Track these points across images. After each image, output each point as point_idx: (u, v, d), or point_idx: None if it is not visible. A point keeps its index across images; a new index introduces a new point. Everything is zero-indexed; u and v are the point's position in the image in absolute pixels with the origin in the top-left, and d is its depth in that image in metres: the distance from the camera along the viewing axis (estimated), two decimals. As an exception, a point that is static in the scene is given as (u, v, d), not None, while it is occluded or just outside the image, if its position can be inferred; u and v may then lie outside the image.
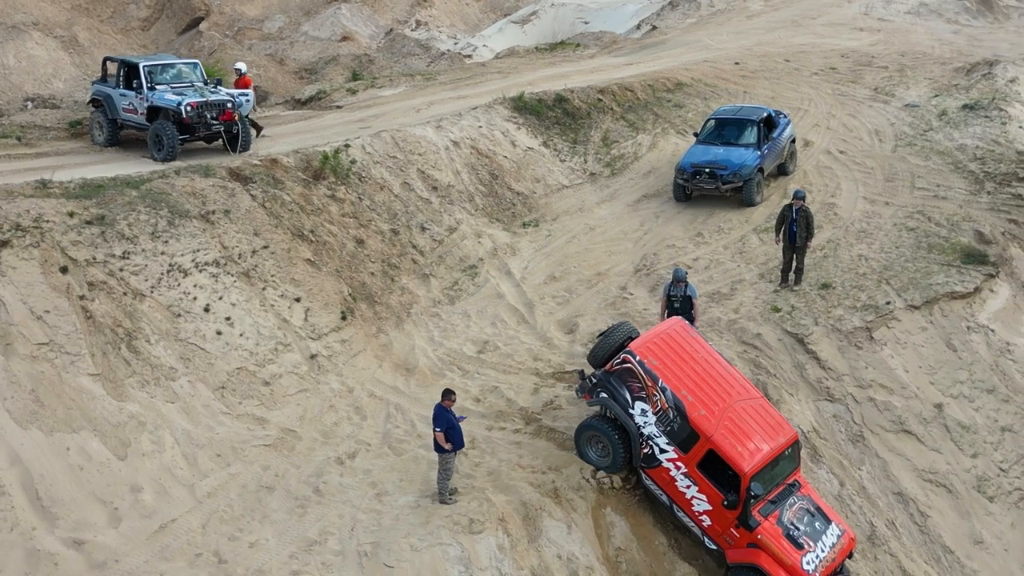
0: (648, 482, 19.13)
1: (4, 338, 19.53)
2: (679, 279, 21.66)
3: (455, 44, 62.82)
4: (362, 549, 17.51)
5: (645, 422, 18.67)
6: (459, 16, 72.63)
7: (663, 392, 18.43)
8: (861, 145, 32.54)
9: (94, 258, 21.55)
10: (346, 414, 21.18)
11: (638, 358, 18.69)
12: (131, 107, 28.27)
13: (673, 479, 18.63)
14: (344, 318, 23.19)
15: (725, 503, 18.02)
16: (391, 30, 65.46)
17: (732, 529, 18.30)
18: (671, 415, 18.40)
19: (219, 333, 21.74)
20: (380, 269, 24.92)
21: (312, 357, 22.19)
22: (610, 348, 19.65)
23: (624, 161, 31.56)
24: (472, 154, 29.36)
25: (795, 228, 24.12)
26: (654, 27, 49.22)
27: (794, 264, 24.59)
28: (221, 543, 17.59)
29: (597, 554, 18.32)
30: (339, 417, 21.07)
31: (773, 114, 30.28)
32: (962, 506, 21.25)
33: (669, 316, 21.81)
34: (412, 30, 66.47)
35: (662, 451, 18.61)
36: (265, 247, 23.65)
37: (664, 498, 19.02)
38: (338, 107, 34.60)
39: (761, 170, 28.74)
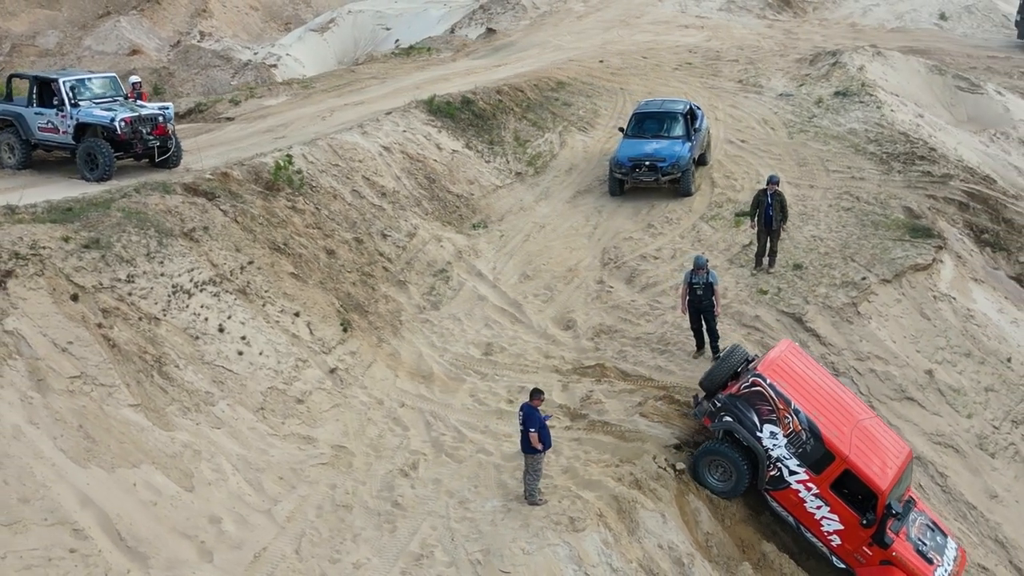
0: (773, 504, 19.25)
1: (35, 374, 18.19)
2: (700, 266, 22.01)
3: (255, 55, 61.56)
4: (473, 558, 17.14)
5: (774, 444, 18.75)
6: (241, 26, 71.23)
7: (796, 414, 18.55)
8: (757, 134, 33.74)
9: (101, 284, 20.28)
10: (386, 426, 20.61)
11: (769, 381, 18.73)
12: (50, 126, 26.56)
13: (802, 500, 18.79)
14: (345, 330, 22.54)
15: (864, 522, 18.32)
16: (179, 42, 63.78)
17: (864, 548, 18.60)
18: (804, 437, 18.55)
19: (240, 353, 20.81)
20: (358, 279, 24.33)
21: (332, 371, 21.50)
22: (728, 372, 19.70)
23: (543, 160, 31.73)
24: (405, 159, 28.95)
25: (771, 212, 24.86)
26: (490, 29, 49.44)
27: (768, 247, 25.31)
28: (324, 567, 16.92)
29: (689, 540, 18.44)
30: (381, 429, 20.49)
31: (693, 106, 31.08)
32: (971, 464, 22.39)
33: (690, 303, 22.16)
34: (197, 41, 64.76)
35: (791, 473, 18.75)
36: (251, 263, 22.74)
37: (790, 520, 19.17)
38: (229, 119, 33.45)
39: (694, 160, 29.47)
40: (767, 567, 18.75)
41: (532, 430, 17.88)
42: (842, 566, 19.04)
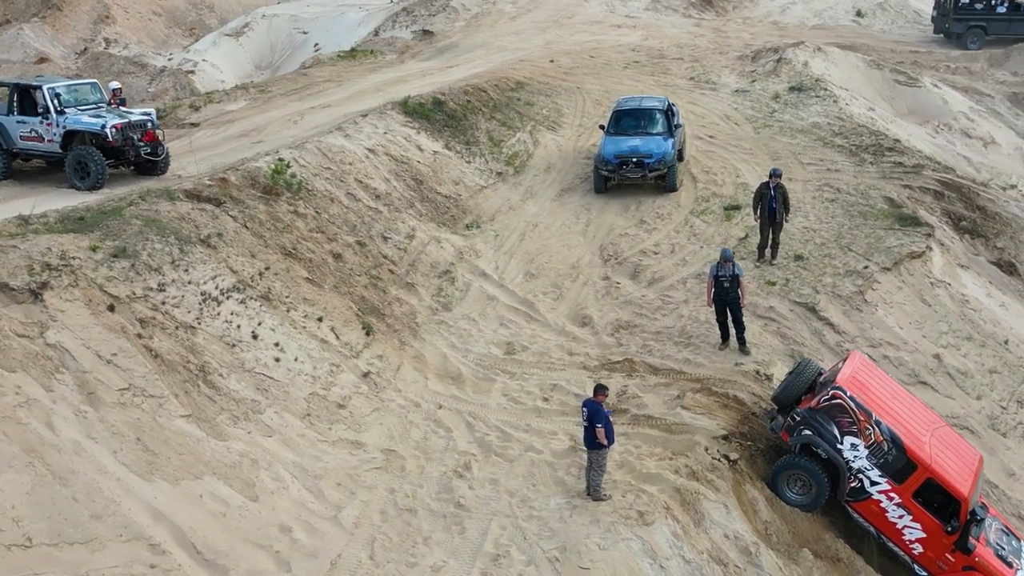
0: (854, 516, 19.45)
1: (84, 387, 17.75)
2: (727, 259, 22.22)
3: (170, 60, 60.64)
4: (549, 555, 17.12)
5: (855, 456, 18.94)
6: (145, 32, 70.02)
7: (877, 426, 18.77)
8: (722, 130, 34.20)
9: (134, 293, 19.82)
10: (429, 428, 20.45)
11: (849, 393, 18.90)
12: (33, 134, 25.80)
13: (884, 510, 19.03)
14: (368, 333, 22.30)
15: (948, 529, 18.61)
16: (85, 49, 62.54)
17: (947, 554, 18.87)
18: (886, 447, 18.79)
19: (277, 360, 20.50)
20: (368, 282, 24.09)
21: (365, 375, 21.28)
22: (803, 386, 19.82)
23: (521, 159, 31.74)
24: (390, 161, 28.74)
25: (774, 205, 25.21)
26: (426, 31, 49.23)
27: (771, 239, 25.67)
28: (402, 571, 16.79)
29: (751, 530, 18.63)
30: (424, 432, 20.32)
31: (670, 103, 31.39)
32: (987, 444, 22.94)
33: (716, 296, 22.36)
34: (104, 48, 63.59)
35: (873, 483, 18.97)
36: (267, 268, 22.40)
37: (871, 530, 19.39)
38: (194, 124, 32.82)
39: (676, 155, 29.78)
40: (825, 553, 18.98)
41: (599, 426, 17.90)
42: (923, 574, 19.28)
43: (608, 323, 23.81)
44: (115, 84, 30.01)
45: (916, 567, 19.28)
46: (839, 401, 18.88)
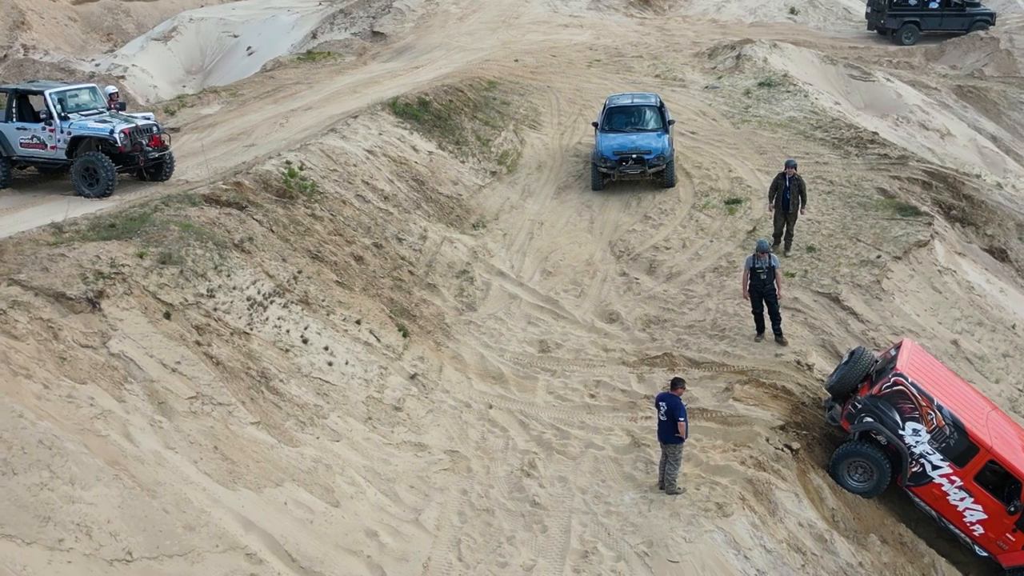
0: (915, 500, 19.73)
1: (154, 397, 17.41)
2: (763, 250, 22.42)
3: (98, 66, 59.62)
4: (637, 550, 17.15)
5: (917, 441, 19.24)
6: (62, 38, 68.75)
7: (939, 411, 19.06)
8: (702, 125, 34.51)
9: (186, 300, 19.44)
10: (484, 428, 20.33)
11: (911, 380, 19.17)
12: (35, 141, 25.12)
13: (945, 494, 19.32)
14: (405, 335, 22.11)
15: (1011, 509, 18.95)
16: (5, 56, 61.25)
17: (1007, 534, 19.23)
18: (947, 432, 19.08)
19: (330, 364, 20.27)
20: (392, 284, 23.88)
21: (412, 377, 21.10)
22: (860, 375, 20.00)
23: (512, 158, 31.68)
24: (390, 162, 28.50)
25: (788, 196, 25.52)
26: (376, 32, 48.89)
27: (784, 230, 25.98)
28: (495, 571, 16.72)
29: (819, 517, 18.85)
30: (481, 432, 20.21)
31: (660, 99, 31.62)
32: (1011, 428, 23.53)
33: (752, 288, 22.56)
34: (24, 55, 62.33)
35: (935, 468, 19.26)
36: (300, 272, 22.11)
37: (932, 513, 19.66)
38: (174, 129, 32.15)
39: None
40: (889, 537, 19.27)
41: (681, 420, 17.96)
42: (984, 554, 19.61)
43: (637, 318, 23.87)
44: (111, 88, 29.30)
45: (977, 548, 19.63)
46: (901, 387, 19.17)
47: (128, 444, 16.33)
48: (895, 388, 19.22)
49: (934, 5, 53.46)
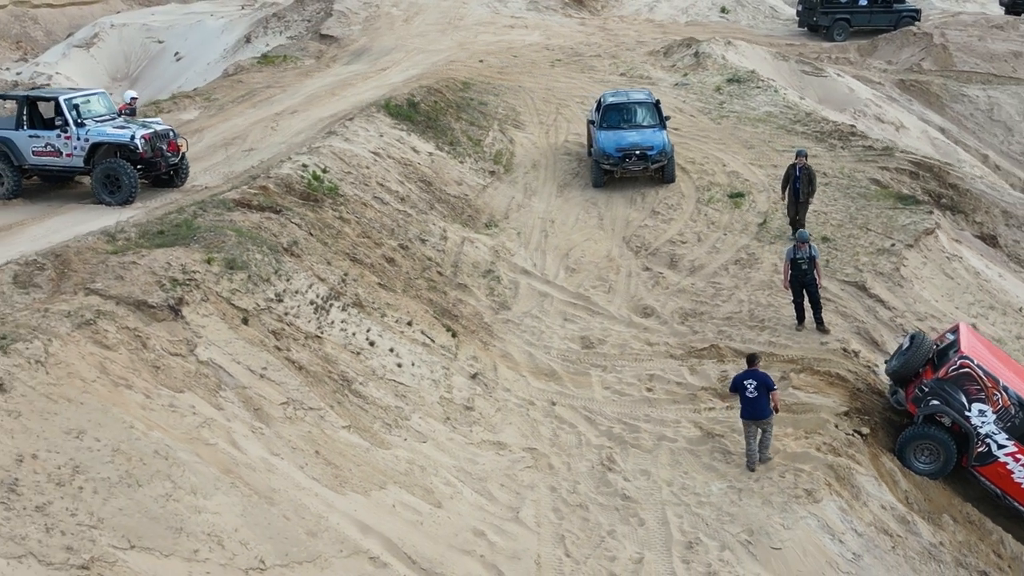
0: (980, 479, 20.15)
1: (249, 403, 17.25)
2: (804, 240, 22.79)
3: (19, 74, 58.36)
4: (740, 539, 17.35)
5: (983, 422, 19.69)
6: (-30, 48, 67.09)
7: (1004, 391, 19.55)
8: (681, 121, 34.67)
9: (258, 305, 19.22)
10: (554, 425, 20.35)
11: (976, 362, 19.61)
12: (49, 149, 24.45)
13: (1010, 472, 19.79)
14: (454, 335, 22.03)
15: None
16: (-92, 67, 59.54)
17: None
18: (1013, 411, 19.56)
19: (399, 366, 20.16)
20: (427, 285, 23.76)
21: (473, 376, 21.03)
22: (923, 359, 20.38)
23: (505, 157, 31.68)
24: (396, 164, 28.33)
25: (798, 185, 25.98)
26: (324, 35, 48.33)
27: (797, 220, 26.43)
28: (606, 566, 16.82)
29: (896, 499, 19.26)
30: (551, 428, 20.23)
31: (652, 95, 31.97)
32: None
33: (793, 278, 22.92)
34: (-61, 65, 60.77)
35: (1000, 447, 19.74)
36: (345, 275, 21.92)
37: (997, 491, 20.12)
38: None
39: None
40: (958, 517, 19.74)
41: (775, 390, 18.32)
42: None
43: (672, 312, 24.07)
44: (132, 93, 28.59)
45: None
46: (967, 370, 19.66)
47: (236, 452, 16.09)
48: (961, 370, 19.70)
49: (863, 2, 54.70)
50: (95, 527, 13.80)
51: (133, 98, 28.47)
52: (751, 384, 18.55)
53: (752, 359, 18.85)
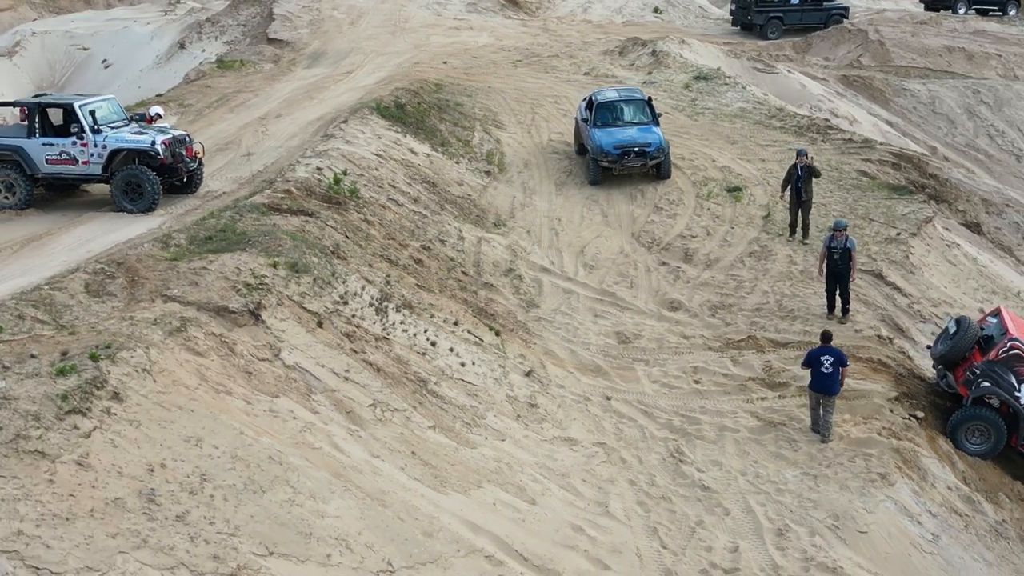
0: None
1: (340, 406, 17.15)
2: (840, 229, 23.14)
3: (-60, 83, 56.67)
4: (827, 524, 17.63)
5: None
6: None
7: None
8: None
9: (327, 308, 19.07)
10: (615, 419, 20.42)
11: None
12: (64, 157, 23.84)
13: None
14: (497, 334, 22.01)
15: None
16: None
17: None
18: None
19: (462, 365, 20.08)
20: (457, 285, 23.70)
21: (528, 374, 21.03)
22: (970, 343, 20.79)
23: (497, 157, 31.62)
24: (399, 166, 28.18)
25: (799, 184, 26.40)
26: (272, 39, 47.72)
27: (800, 220, 26.85)
28: (705, 556, 16.96)
29: (959, 480, 19.74)
30: (613, 423, 20.29)
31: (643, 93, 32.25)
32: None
33: (828, 267, 23.31)
34: None
35: None
36: (388, 276, 21.78)
37: None
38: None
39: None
40: (1012, 495, 20.29)
41: (847, 366, 18.90)
42: None
43: (700, 305, 24.29)
44: (157, 109, 27.91)
45: None
46: (1017, 351, 20.22)
47: (341, 455, 15.94)
48: (1011, 352, 20.25)
49: (795, 1, 55.67)
50: (234, 535, 13.58)
51: (158, 114, 27.76)
52: (827, 360, 19.05)
53: (826, 336, 19.29)
